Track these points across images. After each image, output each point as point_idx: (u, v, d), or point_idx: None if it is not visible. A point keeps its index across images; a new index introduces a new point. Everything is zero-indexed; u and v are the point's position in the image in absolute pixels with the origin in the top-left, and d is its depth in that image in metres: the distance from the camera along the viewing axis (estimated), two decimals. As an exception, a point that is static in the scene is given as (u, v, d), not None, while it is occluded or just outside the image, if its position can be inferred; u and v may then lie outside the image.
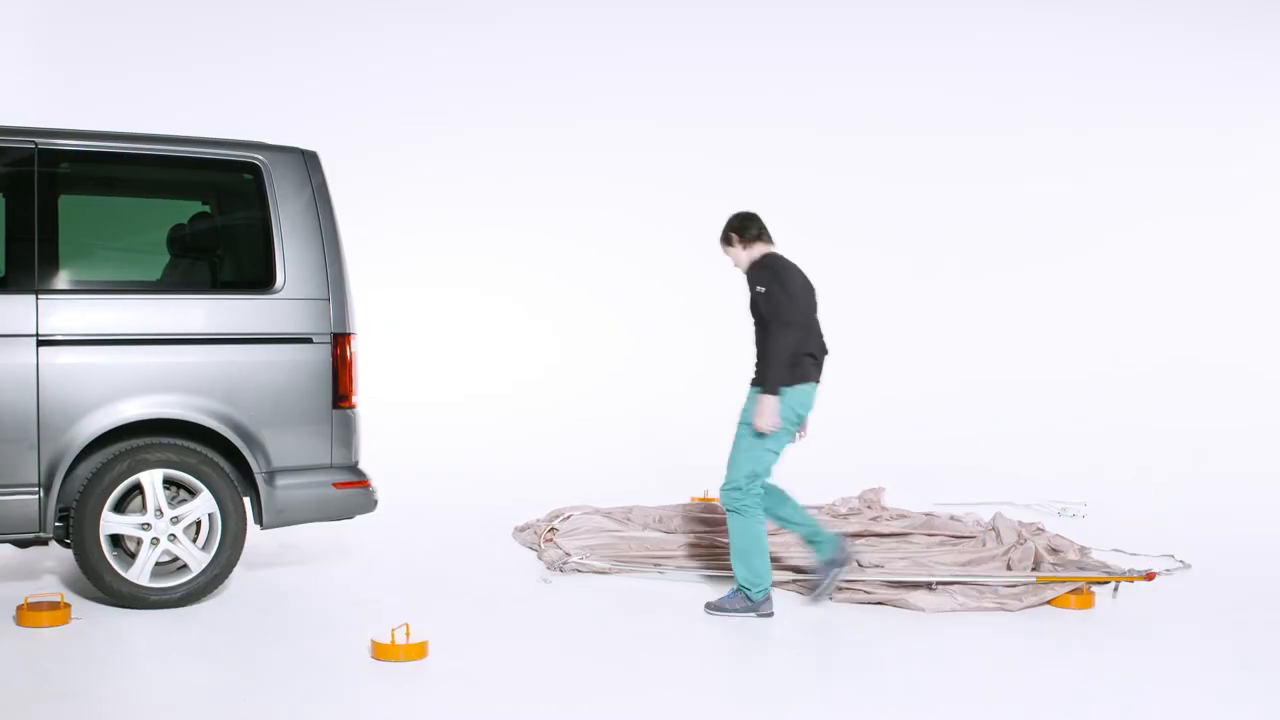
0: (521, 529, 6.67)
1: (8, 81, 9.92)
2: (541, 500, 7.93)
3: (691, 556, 5.77)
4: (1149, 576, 5.06)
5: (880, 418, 10.68)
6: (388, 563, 5.99)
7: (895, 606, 5.03)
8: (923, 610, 4.95)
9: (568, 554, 5.80)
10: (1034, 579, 5.12)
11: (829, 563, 5.01)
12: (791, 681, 4.03)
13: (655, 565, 5.64)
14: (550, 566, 5.76)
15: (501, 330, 11.21)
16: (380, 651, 4.15)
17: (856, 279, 11.66)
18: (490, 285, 11.27)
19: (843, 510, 7.08)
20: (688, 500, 7.82)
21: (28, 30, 10.44)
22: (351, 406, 5.17)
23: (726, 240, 5.33)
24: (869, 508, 7.13)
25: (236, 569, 5.16)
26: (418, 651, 4.15)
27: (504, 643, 4.50)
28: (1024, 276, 11.68)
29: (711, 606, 4.94)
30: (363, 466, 5.24)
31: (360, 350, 5.28)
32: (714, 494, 7.80)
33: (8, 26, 10.36)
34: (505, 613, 4.96)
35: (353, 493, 5.16)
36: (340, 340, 5.12)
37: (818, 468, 9.21)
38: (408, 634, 4.17)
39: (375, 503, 5.26)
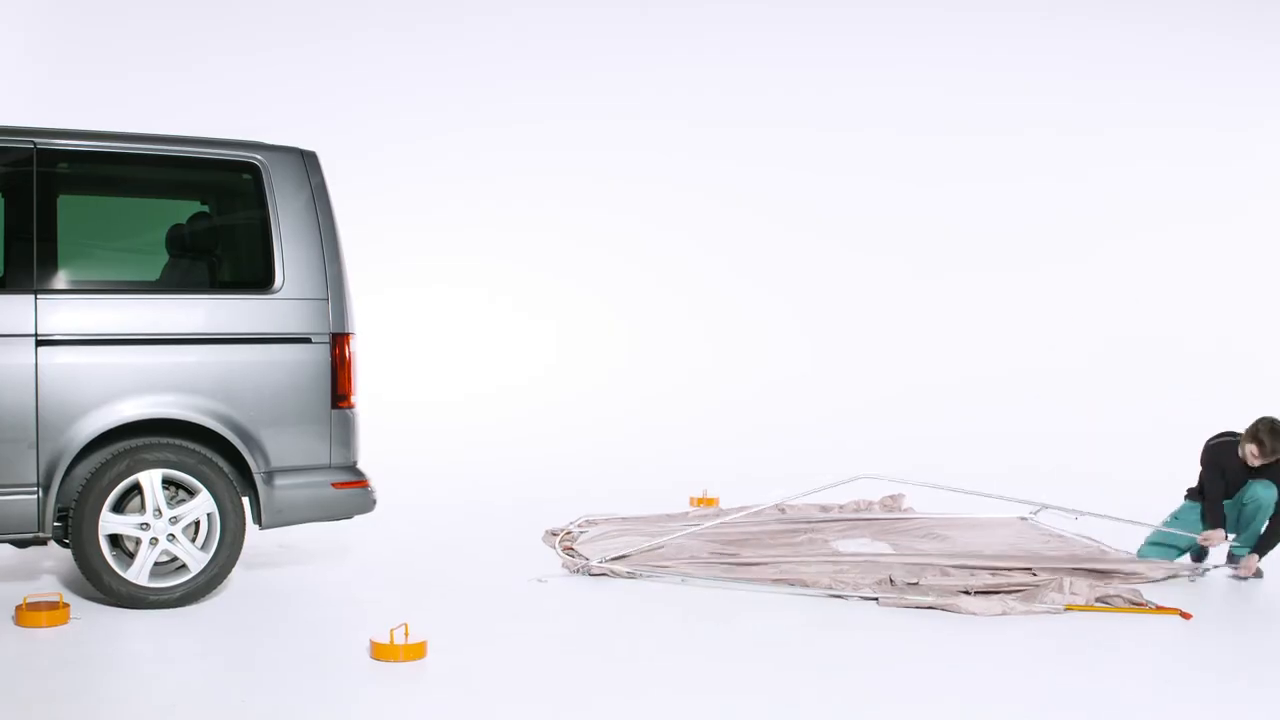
0: (554, 533, 6.61)
1: (7, 81, 9.92)
2: (541, 500, 7.94)
3: (718, 565, 5.73)
4: (1186, 616, 5.02)
5: (879, 417, 10.68)
6: (386, 563, 5.99)
7: (945, 611, 4.98)
8: (974, 614, 4.90)
9: (586, 559, 5.77)
10: (1062, 606, 5.09)
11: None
12: (791, 681, 4.03)
13: (680, 577, 5.56)
14: (575, 571, 5.69)
15: (502, 330, 11.21)
16: (379, 651, 4.14)
17: (856, 279, 11.67)
18: (490, 285, 11.27)
19: (864, 515, 7.09)
20: (687, 501, 7.84)
21: (27, 30, 10.44)
22: (350, 406, 5.17)
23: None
24: (889, 514, 7.15)
25: (235, 569, 5.16)
26: (416, 651, 4.15)
27: (503, 643, 4.49)
28: (1023, 276, 11.67)
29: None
30: (361, 466, 5.24)
31: (359, 350, 5.28)
32: (713, 494, 7.83)
33: (7, 26, 10.36)
34: (504, 613, 4.96)
35: (351, 493, 5.16)
36: (339, 340, 5.12)
37: (814, 467, 9.23)
38: (406, 634, 4.17)
39: (374, 503, 5.26)
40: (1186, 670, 4.27)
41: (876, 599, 5.14)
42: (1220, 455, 6.05)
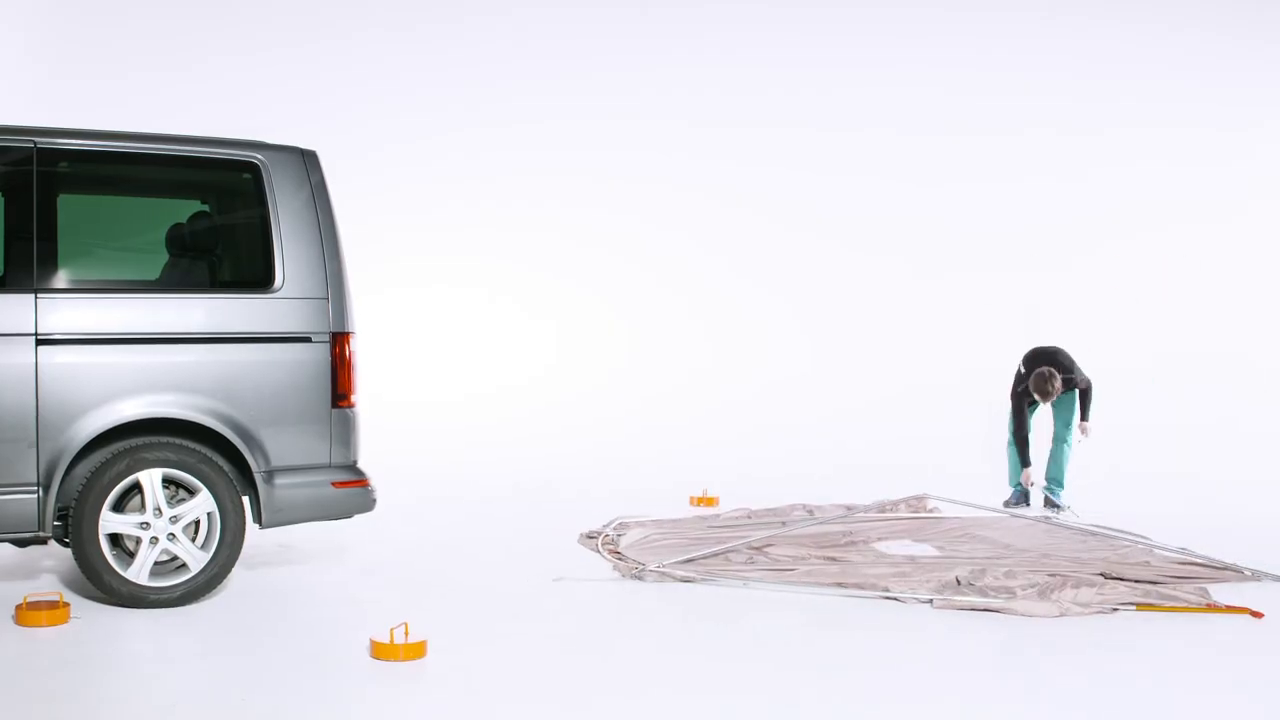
0: (591, 536, 6.58)
1: (7, 81, 9.92)
2: (541, 500, 7.94)
3: (773, 569, 5.69)
4: (1257, 615, 4.94)
5: (878, 417, 10.68)
6: (386, 562, 5.99)
7: (999, 614, 4.94)
8: (1032, 616, 4.86)
9: (641, 564, 5.71)
10: (1132, 604, 5.07)
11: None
12: (791, 681, 4.03)
13: (742, 582, 5.48)
14: (626, 575, 5.61)
15: (502, 330, 11.22)
16: (379, 651, 4.14)
17: (856, 279, 11.67)
18: (490, 285, 11.28)
19: (892, 515, 7.06)
20: (688, 500, 7.84)
21: (27, 30, 10.44)
22: (350, 406, 5.17)
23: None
24: (916, 514, 7.13)
25: (235, 568, 5.16)
26: (416, 651, 4.15)
27: (503, 642, 4.49)
28: (1023, 277, 11.68)
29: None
30: (361, 466, 5.24)
31: (359, 349, 5.27)
32: (713, 493, 7.83)
33: (7, 26, 10.36)
34: (504, 612, 4.96)
35: (351, 492, 5.16)
36: (339, 339, 5.12)
37: (814, 468, 9.24)
38: (406, 633, 4.16)
39: (374, 502, 5.25)
40: (1187, 670, 4.27)
41: (931, 601, 5.09)
42: (1023, 399, 7.77)
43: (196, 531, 4.95)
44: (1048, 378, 7.59)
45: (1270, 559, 5.95)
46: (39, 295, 4.69)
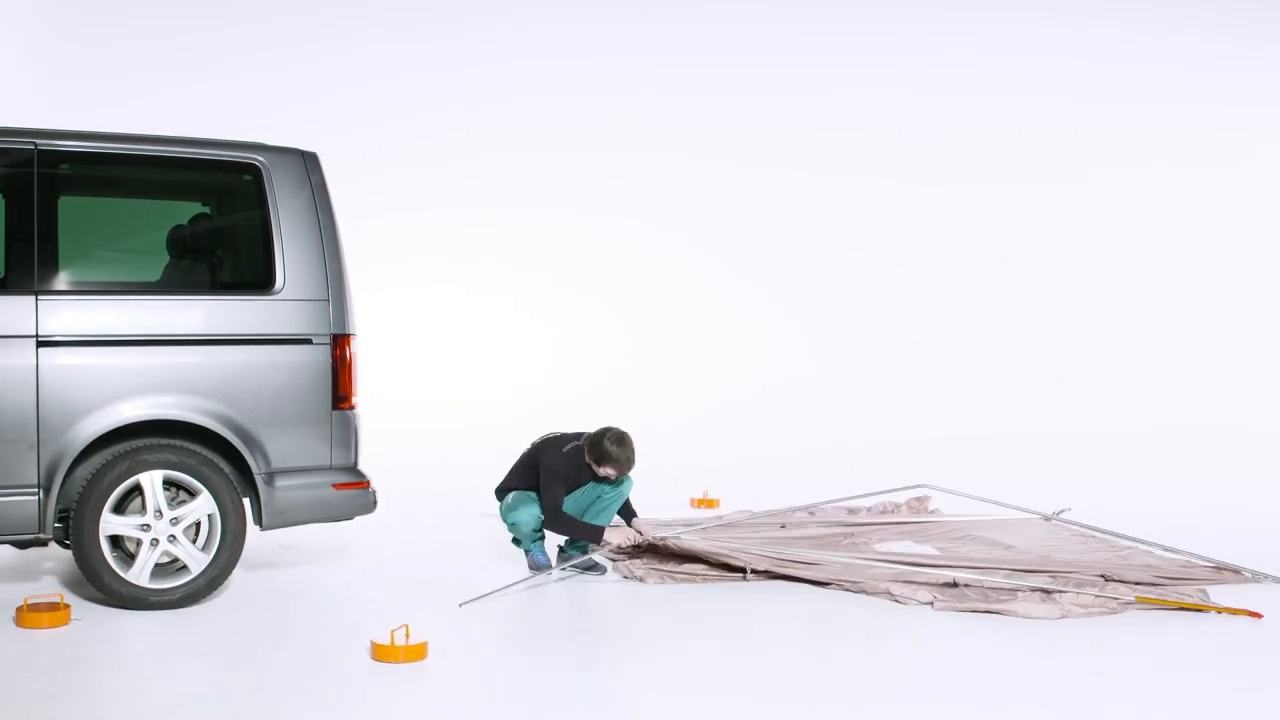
0: None
1: (7, 82, 9.92)
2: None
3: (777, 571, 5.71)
4: (1256, 615, 4.95)
5: (879, 418, 10.68)
6: (387, 564, 5.99)
7: (1000, 615, 4.94)
8: (1032, 618, 4.85)
9: (650, 569, 5.71)
10: (1133, 598, 5.07)
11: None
12: (792, 681, 4.03)
13: (743, 575, 5.51)
14: (627, 577, 5.62)
15: (502, 330, 11.22)
16: (379, 653, 4.14)
17: (856, 279, 11.67)
18: (490, 285, 11.28)
19: (894, 518, 7.05)
20: (688, 502, 7.85)
21: (27, 30, 10.44)
22: (351, 408, 5.18)
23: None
24: (918, 516, 7.12)
25: (236, 570, 5.16)
26: (417, 653, 4.15)
27: (503, 644, 4.50)
28: (1023, 277, 11.67)
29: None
30: (362, 467, 5.25)
31: (360, 350, 5.28)
32: (713, 495, 7.85)
33: (7, 26, 10.36)
34: (505, 614, 4.96)
35: (352, 494, 5.16)
36: (340, 341, 5.13)
37: (815, 468, 9.24)
38: (407, 635, 4.17)
39: (374, 504, 5.26)
40: (1187, 670, 4.27)
41: (932, 602, 5.09)
42: (574, 460, 5.94)
43: (197, 533, 4.96)
44: None
45: (1270, 559, 5.96)
46: (40, 297, 4.70)
